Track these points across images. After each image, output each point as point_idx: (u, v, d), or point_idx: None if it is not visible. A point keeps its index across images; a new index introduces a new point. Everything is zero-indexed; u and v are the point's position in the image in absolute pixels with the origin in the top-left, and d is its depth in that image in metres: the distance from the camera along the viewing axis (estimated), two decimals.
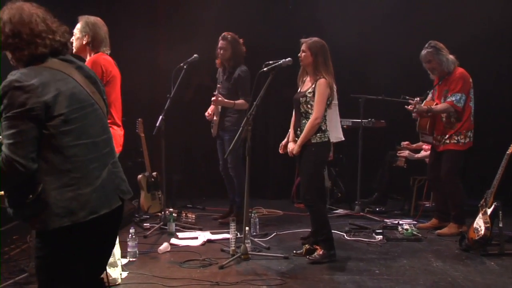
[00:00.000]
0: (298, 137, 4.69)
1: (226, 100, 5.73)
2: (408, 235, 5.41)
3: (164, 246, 4.99)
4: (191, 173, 7.71)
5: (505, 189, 5.04)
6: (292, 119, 4.91)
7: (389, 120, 6.84)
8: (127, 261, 4.60)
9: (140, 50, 7.07)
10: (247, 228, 4.79)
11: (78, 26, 3.92)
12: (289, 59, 4.74)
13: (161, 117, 5.58)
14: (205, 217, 6.42)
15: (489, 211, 4.80)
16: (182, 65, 5.70)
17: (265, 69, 4.74)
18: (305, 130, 4.62)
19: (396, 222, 5.93)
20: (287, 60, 4.73)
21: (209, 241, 5.32)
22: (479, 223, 4.83)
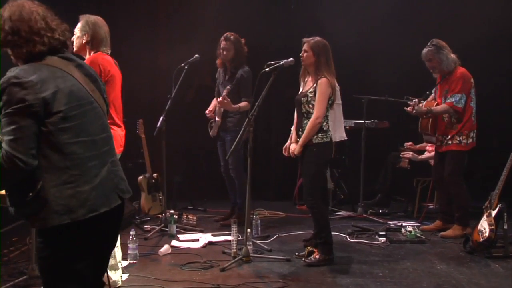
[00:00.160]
0: (300, 137, 4.65)
1: (233, 106, 5.72)
2: (412, 237, 5.39)
3: (165, 248, 4.97)
4: (192, 174, 7.68)
5: (510, 190, 4.99)
6: (294, 120, 4.88)
7: (392, 121, 6.81)
8: (127, 263, 4.58)
9: (141, 50, 7.06)
10: (248, 230, 4.76)
11: (79, 25, 3.92)
12: (291, 59, 4.71)
13: (161, 117, 5.58)
14: (206, 219, 6.41)
15: (493, 213, 4.78)
16: (183, 65, 5.69)
17: (267, 69, 4.72)
18: (306, 130, 4.58)
19: (400, 224, 5.90)
20: (289, 60, 4.70)
21: (210, 243, 5.30)
22: (484, 225, 4.80)
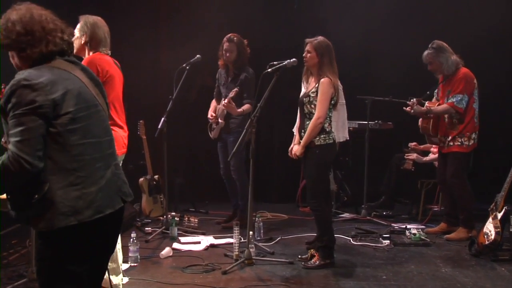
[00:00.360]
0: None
1: (237, 110, 5.70)
2: (416, 240, 5.36)
3: (166, 251, 4.95)
4: (194, 176, 7.66)
5: None
6: (297, 122, 4.84)
7: (396, 122, 6.77)
8: (128, 266, 4.57)
9: (142, 50, 7.04)
10: (251, 232, 4.75)
11: (78, 25, 3.90)
12: (294, 59, 4.68)
13: (163, 119, 5.56)
14: (208, 221, 6.40)
15: (499, 215, 4.75)
16: (184, 66, 5.67)
17: (269, 70, 4.69)
18: (307, 130, 4.53)
19: (404, 226, 5.87)
20: (291, 60, 4.67)
21: (212, 245, 5.29)
22: (489, 227, 4.78)
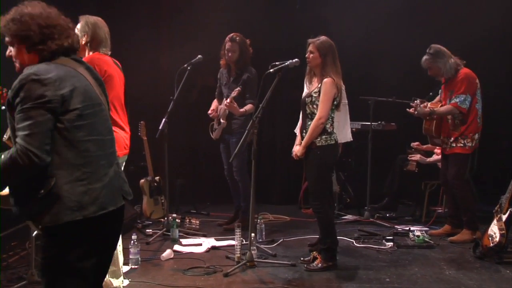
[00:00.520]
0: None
1: (239, 110, 5.68)
2: (420, 242, 5.34)
3: (167, 253, 4.93)
4: (195, 177, 7.64)
5: None
6: (299, 123, 4.81)
7: (400, 123, 6.75)
8: (129, 268, 4.56)
9: (143, 51, 7.03)
10: (252, 234, 4.73)
11: (78, 26, 3.90)
12: (296, 60, 4.66)
13: (164, 119, 5.55)
14: (209, 223, 6.37)
15: (504, 217, 4.71)
16: (185, 66, 5.65)
17: (271, 70, 4.67)
18: (309, 131, 4.49)
19: (407, 228, 5.85)
20: (294, 61, 4.65)
21: (213, 247, 5.26)
22: (494, 229, 4.74)
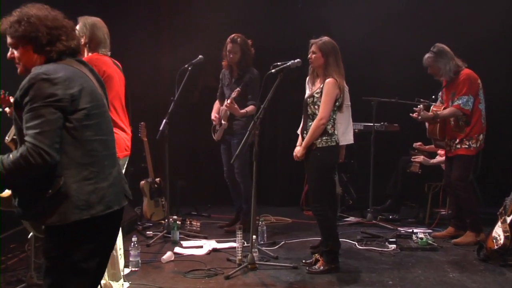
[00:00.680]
0: None
1: (240, 111, 5.65)
2: (423, 244, 5.30)
3: (168, 255, 4.91)
4: (196, 179, 7.61)
5: None
6: (301, 124, 4.76)
7: (403, 123, 6.71)
8: (129, 271, 4.53)
9: (143, 51, 7.01)
10: (254, 236, 4.70)
11: (77, 27, 3.89)
12: (298, 60, 4.63)
13: (164, 120, 5.53)
14: (210, 225, 6.33)
15: (508, 219, 4.67)
16: (186, 66, 5.63)
17: (273, 70, 4.65)
18: (309, 131, 4.46)
19: (410, 230, 5.81)
20: (295, 61, 4.62)
21: (214, 250, 5.24)
22: (498, 231, 4.71)
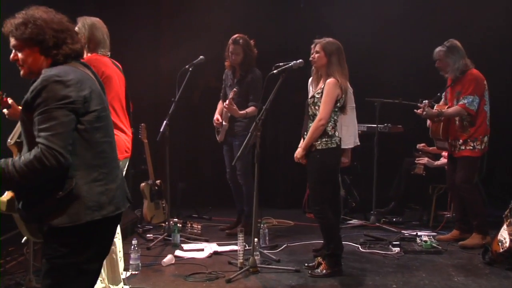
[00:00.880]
0: None
1: (239, 112, 5.61)
2: (427, 247, 5.27)
3: (168, 259, 4.88)
4: (197, 181, 7.60)
5: None
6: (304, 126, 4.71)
7: (407, 125, 6.68)
8: (129, 274, 4.48)
9: (143, 52, 7.00)
10: (256, 239, 4.67)
11: (76, 27, 3.86)
12: (300, 60, 4.59)
13: (165, 122, 5.51)
14: (211, 227, 6.31)
15: None
16: (187, 67, 5.61)
17: (275, 71, 4.62)
18: (309, 132, 4.41)
19: (414, 233, 5.78)
20: (298, 61, 4.59)
21: (215, 253, 5.21)
22: (504, 234, 4.65)
